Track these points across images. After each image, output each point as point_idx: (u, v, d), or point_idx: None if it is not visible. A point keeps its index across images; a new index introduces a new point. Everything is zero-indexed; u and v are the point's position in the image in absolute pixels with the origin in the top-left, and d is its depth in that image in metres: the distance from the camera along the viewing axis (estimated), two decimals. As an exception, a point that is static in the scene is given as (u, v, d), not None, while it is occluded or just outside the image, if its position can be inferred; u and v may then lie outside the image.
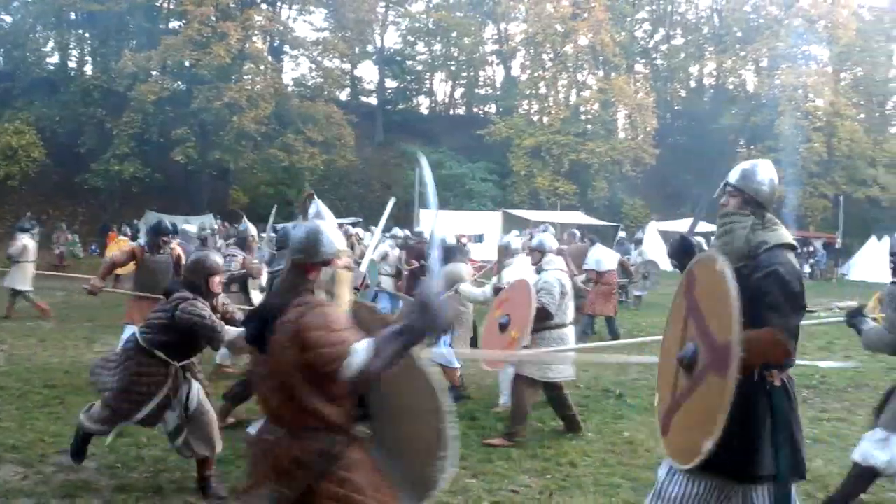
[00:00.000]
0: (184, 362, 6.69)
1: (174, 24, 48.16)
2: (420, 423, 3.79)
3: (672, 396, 4.54)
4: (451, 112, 67.32)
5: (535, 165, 49.76)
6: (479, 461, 7.71)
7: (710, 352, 4.13)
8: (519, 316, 8.41)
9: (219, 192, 45.13)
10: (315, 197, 7.96)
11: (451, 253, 11.16)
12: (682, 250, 5.02)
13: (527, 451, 8.07)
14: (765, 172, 4.71)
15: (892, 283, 6.20)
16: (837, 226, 39.30)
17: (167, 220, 11.78)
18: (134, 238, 25.38)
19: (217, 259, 6.85)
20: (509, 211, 42.52)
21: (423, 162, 4.27)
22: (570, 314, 9.14)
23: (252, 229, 12.22)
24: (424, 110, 66.29)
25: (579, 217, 41.54)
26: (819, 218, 50.27)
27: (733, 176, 4.79)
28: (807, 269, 39.63)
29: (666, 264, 30.32)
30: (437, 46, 61.80)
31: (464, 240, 19.57)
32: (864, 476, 6.10)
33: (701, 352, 4.24)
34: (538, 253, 9.37)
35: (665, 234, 41.95)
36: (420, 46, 62.62)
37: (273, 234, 12.52)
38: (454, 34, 59.01)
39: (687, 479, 4.39)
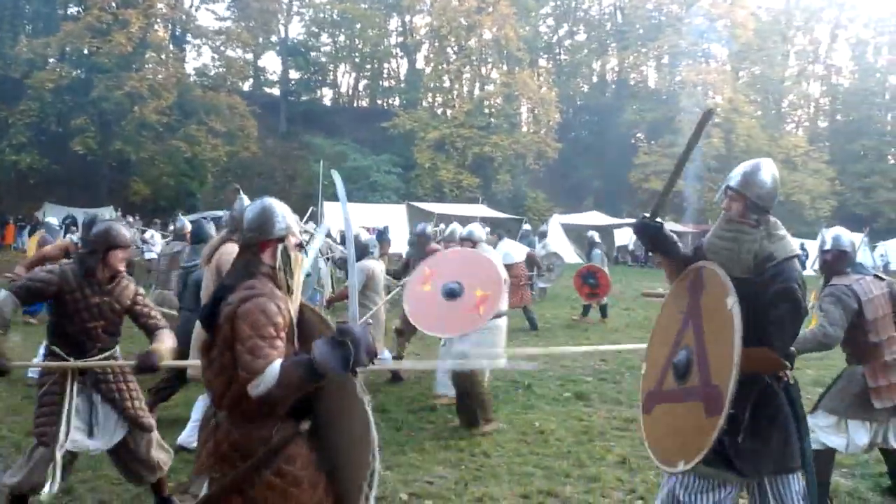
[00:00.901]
0: (82, 361, 5.70)
1: (73, 9, 47.18)
2: (352, 447, 3.72)
3: (658, 384, 4.53)
4: (355, 104, 67.18)
5: (439, 158, 49.99)
6: (392, 453, 7.69)
7: (703, 381, 4.12)
8: (481, 279, 8.08)
9: (119, 184, 44.20)
10: (241, 192, 7.77)
11: (361, 250, 11.02)
12: (649, 232, 4.87)
13: (440, 443, 8.07)
14: (766, 173, 4.48)
15: (831, 284, 6.38)
16: (736, 220, 40.06)
17: (67, 212, 11.45)
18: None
19: (125, 232, 5.89)
20: (413, 203, 42.48)
21: (337, 177, 4.23)
22: (505, 306, 9.14)
23: (188, 224, 11.96)
24: (328, 102, 65.99)
25: (483, 210, 41.63)
26: (718, 212, 51.31)
27: (734, 178, 4.53)
28: (705, 262, 40.48)
29: (570, 256, 30.62)
30: (342, 38, 61.58)
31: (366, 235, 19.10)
32: (826, 459, 6.34)
33: (693, 369, 4.22)
34: (470, 242, 9.36)
35: (567, 227, 42.38)
36: (324, 37, 62.32)
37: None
38: (358, 26, 58.91)
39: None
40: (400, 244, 23.05)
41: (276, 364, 3.35)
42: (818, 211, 50.45)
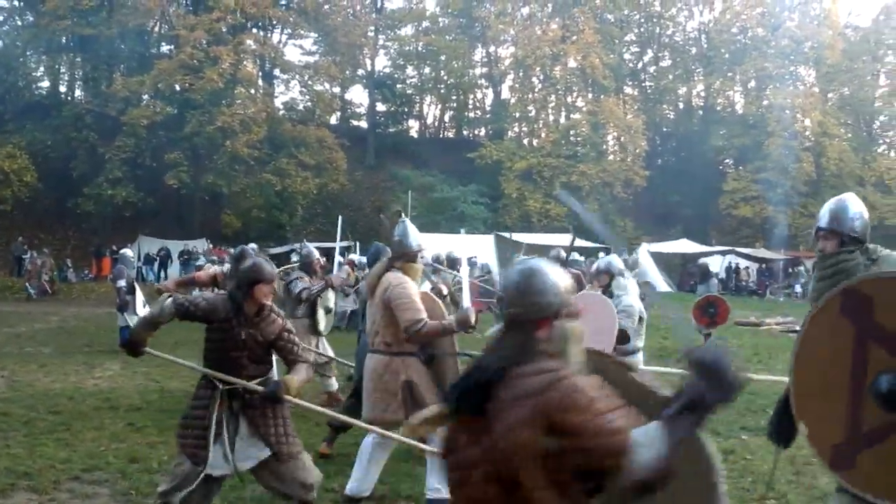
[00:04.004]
0: (230, 386, 5.92)
1: (166, 48, 48.38)
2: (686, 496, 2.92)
3: (851, 430, 3.89)
4: (442, 135, 67.39)
5: (527, 188, 49.90)
6: None
7: None
8: (597, 330, 8.06)
9: (211, 217, 44.97)
10: (403, 216, 7.38)
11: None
12: None
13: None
14: (855, 206, 4.41)
15: None
16: (828, 246, 39.36)
17: (161, 244, 11.57)
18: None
19: (269, 268, 6.12)
20: (501, 234, 42.45)
21: (570, 198, 4.11)
22: (642, 341, 9.09)
23: (315, 253, 11.96)
24: (415, 133, 66.37)
25: (570, 239, 41.23)
26: (809, 238, 50.34)
27: (823, 219, 4.44)
28: (798, 289, 40.04)
29: (661, 285, 30.38)
30: (427, 70, 61.82)
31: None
32: None
33: None
34: (606, 275, 9.19)
35: (656, 256, 41.99)
36: (409, 70, 62.72)
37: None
38: (443, 57, 59.09)
39: None
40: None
41: (642, 428, 2.59)
42: (914, 235, 49.28)
